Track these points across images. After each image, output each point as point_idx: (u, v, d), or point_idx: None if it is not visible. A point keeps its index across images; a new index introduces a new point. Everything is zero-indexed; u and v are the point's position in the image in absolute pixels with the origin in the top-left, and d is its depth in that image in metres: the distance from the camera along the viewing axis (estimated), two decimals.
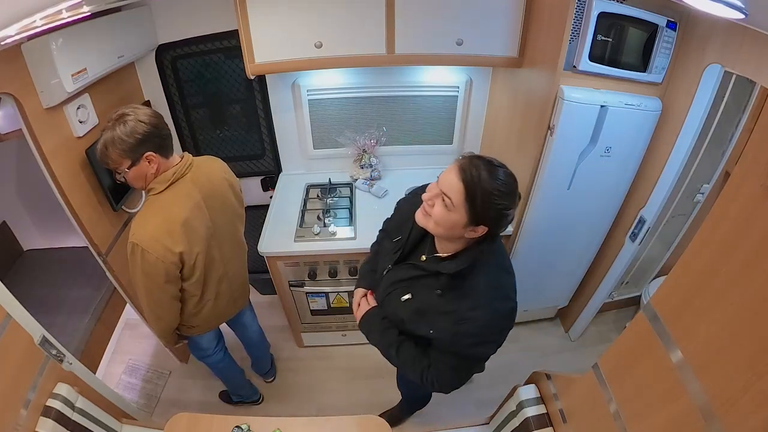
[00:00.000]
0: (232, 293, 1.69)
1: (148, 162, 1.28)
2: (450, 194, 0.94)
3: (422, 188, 1.11)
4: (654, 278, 2.49)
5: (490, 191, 0.92)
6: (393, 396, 2.31)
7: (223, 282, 1.59)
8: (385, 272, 1.23)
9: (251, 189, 2.57)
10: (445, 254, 1.08)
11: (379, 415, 1.42)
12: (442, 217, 0.97)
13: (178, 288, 1.41)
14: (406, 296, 1.13)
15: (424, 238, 1.18)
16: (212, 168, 1.50)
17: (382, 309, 1.26)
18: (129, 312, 2.36)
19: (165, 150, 1.31)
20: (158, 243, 1.27)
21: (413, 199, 1.22)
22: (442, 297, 1.06)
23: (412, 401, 2.04)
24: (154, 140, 1.27)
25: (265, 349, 2.29)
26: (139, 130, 1.23)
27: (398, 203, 1.37)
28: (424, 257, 1.13)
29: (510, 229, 2.07)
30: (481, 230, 0.97)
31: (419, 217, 1.04)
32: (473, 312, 1.01)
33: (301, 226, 2.07)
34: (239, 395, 2.20)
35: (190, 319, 1.58)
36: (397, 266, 1.20)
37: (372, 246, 1.50)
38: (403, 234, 1.20)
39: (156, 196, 1.31)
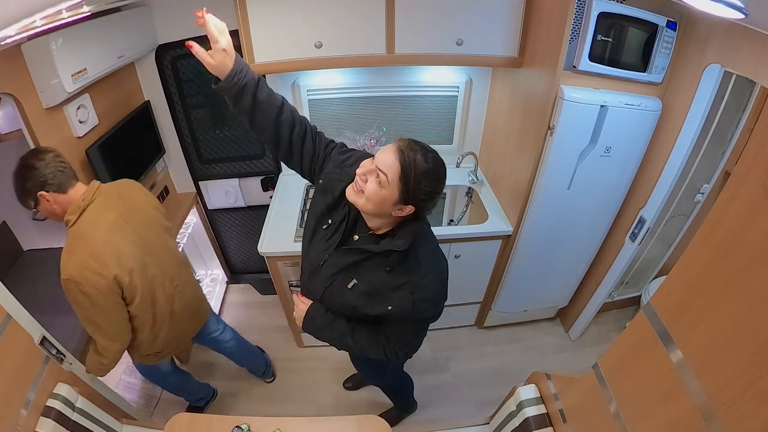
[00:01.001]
0: (189, 308, 1.67)
1: (46, 201, 1.30)
2: (386, 171, 0.98)
3: (353, 161, 1.16)
4: (654, 278, 2.49)
5: (424, 174, 0.98)
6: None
7: (175, 299, 1.57)
8: (322, 263, 1.19)
9: (251, 189, 2.57)
10: (380, 231, 1.12)
11: (379, 416, 1.42)
12: (375, 193, 1.01)
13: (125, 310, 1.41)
14: (352, 282, 1.14)
15: (356, 221, 1.17)
16: (120, 187, 1.49)
17: (327, 303, 1.23)
18: None
19: (56, 186, 1.30)
20: (87, 270, 1.28)
21: (343, 174, 1.17)
22: (392, 273, 1.10)
23: (389, 389, 2.03)
24: (37, 180, 1.27)
25: (253, 353, 2.25)
26: (23, 176, 1.28)
27: (322, 181, 1.24)
28: (356, 237, 1.15)
29: (510, 228, 2.08)
30: (408, 210, 1.03)
31: (350, 193, 1.06)
32: (426, 279, 1.09)
33: (301, 226, 2.07)
34: (201, 398, 2.13)
35: (151, 346, 1.56)
36: (335, 253, 1.17)
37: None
38: (336, 219, 1.18)
39: (73, 227, 1.32)
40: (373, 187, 1.01)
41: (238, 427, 1.38)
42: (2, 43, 1.13)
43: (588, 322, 2.46)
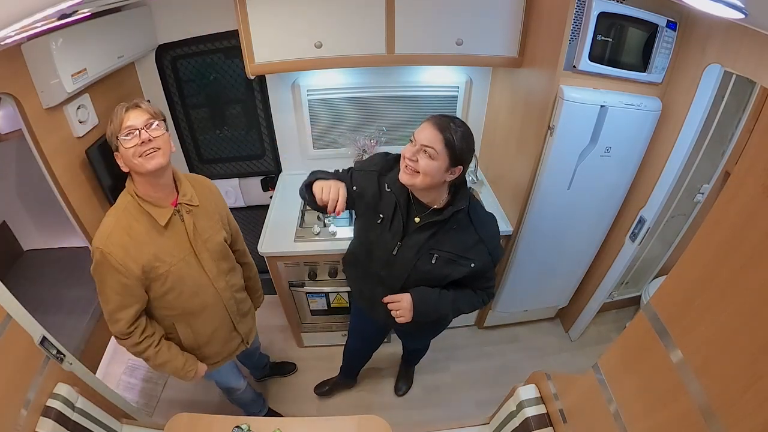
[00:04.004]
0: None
1: None
2: (432, 144, 1.13)
3: (372, 165, 1.35)
4: (654, 278, 2.49)
5: (461, 135, 1.15)
6: (393, 396, 2.32)
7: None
8: (395, 252, 1.31)
9: (251, 189, 2.57)
10: (436, 204, 1.25)
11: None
12: (429, 165, 1.14)
13: None
14: (434, 257, 1.28)
15: (409, 205, 1.29)
16: None
17: (413, 284, 1.34)
18: None
19: None
20: None
21: (368, 176, 1.34)
22: (462, 232, 1.26)
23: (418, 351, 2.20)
24: None
25: (263, 359, 2.26)
26: None
27: (355, 187, 1.34)
28: (417, 219, 1.28)
29: (510, 228, 2.07)
30: (458, 170, 1.19)
31: (404, 177, 1.19)
32: (489, 230, 1.32)
33: (301, 226, 2.07)
34: (251, 413, 2.11)
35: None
36: (404, 240, 1.30)
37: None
38: (386, 211, 1.30)
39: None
40: (425, 162, 1.14)
41: (238, 427, 1.38)
42: (2, 43, 1.14)
43: (588, 322, 2.46)
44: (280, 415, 2.15)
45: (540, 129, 1.74)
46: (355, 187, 1.33)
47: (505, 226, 2.09)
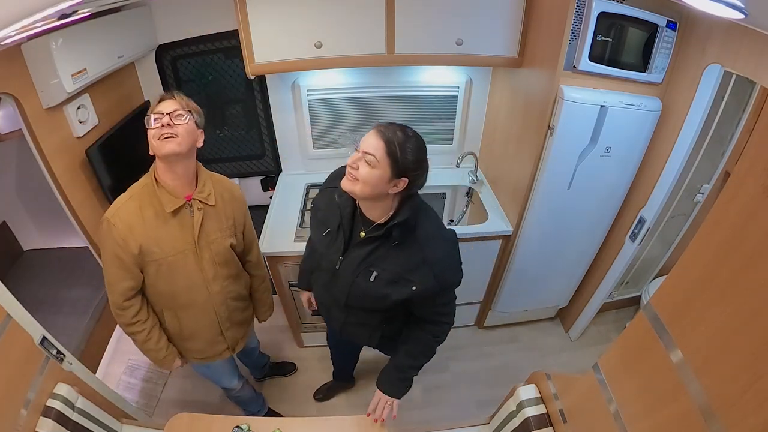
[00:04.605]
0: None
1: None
2: (373, 151, 1.06)
3: (329, 182, 1.32)
4: (654, 278, 2.49)
5: (406, 142, 1.08)
6: None
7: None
8: (337, 267, 1.26)
9: (251, 189, 2.57)
10: (382, 220, 1.18)
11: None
12: (368, 174, 1.07)
13: None
14: (373, 275, 1.20)
15: (352, 220, 1.24)
16: None
17: (356, 301, 1.29)
18: None
19: None
20: None
21: (324, 193, 1.34)
22: (404, 251, 1.17)
23: None
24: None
25: (262, 359, 2.26)
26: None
27: (313, 205, 1.40)
28: (362, 233, 1.20)
29: (510, 228, 2.07)
30: (402, 183, 1.10)
31: (345, 183, 1.12)
32: (438, 251, 1.18)
33: (301, 226, 2.07)
34: (251, 412, 2.12)
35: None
36: (347, 254, 1.24)
37: (306, 247, 1.60)
38: (332, 223, 1.26)
39: None
40: (365, 170, 1.07)
41: (238, 427, 1.38)
42: (2, 43, 1.14)
43: (588, 322, 2.46)
44: (280, 415, 2.15)
45: (540, 129, 1.74)
46: (314, 206, 1.37)
47: (505, 226, 2.10)
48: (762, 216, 0.66)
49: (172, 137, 1.18)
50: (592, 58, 1.57)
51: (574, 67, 1.59)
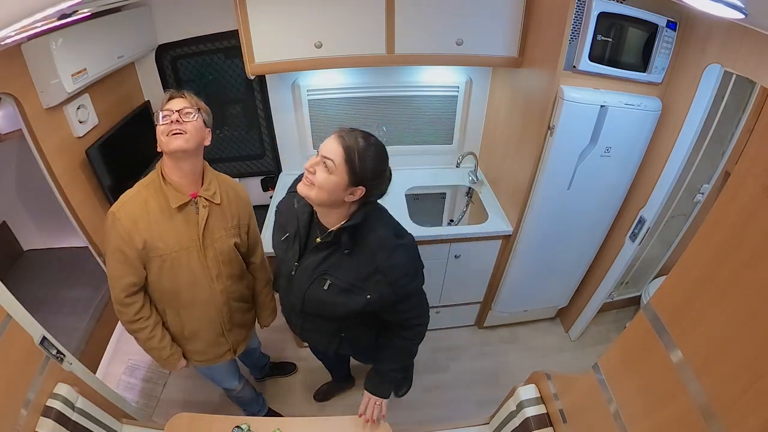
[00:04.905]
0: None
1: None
2: (331, 156, 1.04)
3: (292, 186, 1.26)
4: (654, 278, 2.49)
5: (366, 151, 1.05)
6: (393, 396, 2.31)
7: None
8: (293, 273, 1.24)
9: (251, 189, 2.57)
10: (337, 227, 1.14)
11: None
12: (325, 180, 1.05)
13: None
14: (326, 283, 1.18)
15: (310, 227, 1.22)
16: None
17: (312, 308, 1.26)
18: None
19: None
20: None
21: (287, 197, 1.31)
22: (355, 258, 1.14)
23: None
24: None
25: (263, 359, 2.26)
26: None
27: (276, 208, 1.38)
28: (318, 239, 1.18)
29: (510, 228, 2.07)
30: (360, 192, 1.08)
31: (301, 188, 1.09)
32: (392, 258, 1.14)
33: None
34: (251, 412, 2.12)
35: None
36: (302, 260, 1.22)
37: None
38: (290, 229, 1.24)
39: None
40: (322, 175, 1.05)
41: (238, 427, 1.38)
42: (2, 43, 1.14)
43: (588, 322, 2.46)
44: (280, 415, 2.15)
45: (540, 129, 1.74)
46: (277, 209, 1.36)
47: (505, 226, 2.10)
48: (762, 216, 0.66)
49: (181, 134, 1.20)
50: (592, 58, 1.57)
51: (574, 67, 1.59)
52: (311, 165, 1.07)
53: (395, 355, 1.36)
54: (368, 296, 1.15)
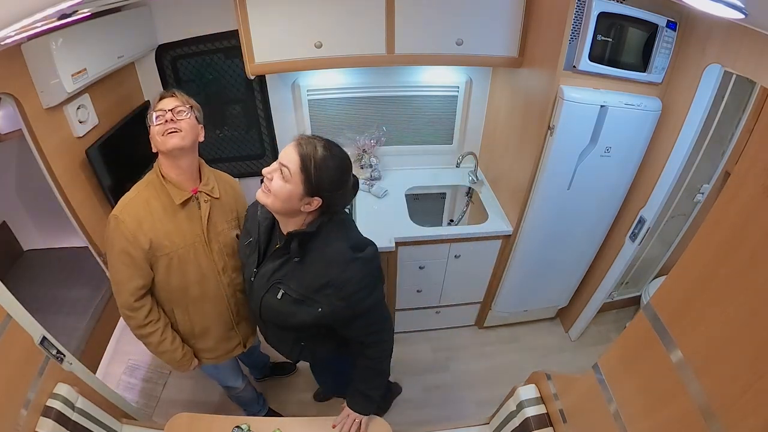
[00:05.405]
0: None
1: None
2: (287, 164, 1.00)
3: None
4: (654, 278, 2.49)
5: (323, 161, 1.01)
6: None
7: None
8: (252, 278, 1.22)
9: (251, 189, 2.55)
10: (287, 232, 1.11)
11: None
12: (280, 188, 1.01)
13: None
14: (280, 292, 1.14)
15: (271, 234, 1.20)
16: None
17: (268, 317, 1.23)
18: None
19: None
20: None
21: (254, 202, 1.26)
22: (305, 266, 1.10)
23: None
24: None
25: (263, 359, 2.27)
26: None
27: (246, 212, 1.37)
28: (278, 245, 1.16)
29: (510, 228, 2.07)
30: (316, 203, 1.04)
31: (259, 194, 1.07)
32: (345, 273, 1.07)
33: None
34: (252, 412, 2.13)
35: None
36: (260, 267, 1.20)
37: None
38: (253, 234, 1.22)
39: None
40: (278, 183, 1.02)
41: (238, 427, 1.38)
42: (2, 43, 1.14)
43: (588, 322, 2.46)
44: (280, 415, 2.15)
45: (540, 129, 1.74)
46: (246, 213, 1.35)
47: (505, 226, 2.10)
48: (762, 216, 0.66)
49: (176, 132, 1.21)
50: (592, 58, 1.57)
51: (574, 67, 1.59)
52: (269, 171, 1.04)
53: (365, 375, 1.31)
54: (320, 309, 1.10)
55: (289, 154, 1.02)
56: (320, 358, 1.43)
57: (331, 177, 1.03)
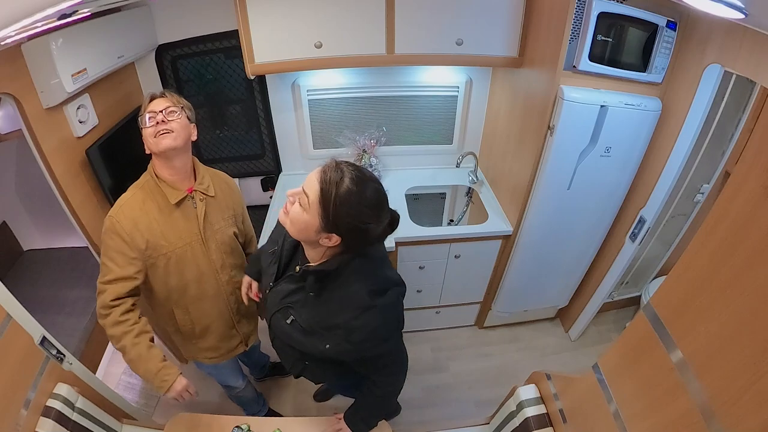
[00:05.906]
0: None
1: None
2: (308, 191, 0.90)
3: None
4: (654, 278, 2.49)
5: (347, 198, 0.87)
6: None
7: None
8: (267, 291, 1.17)
9: (251, 189, 2.57)
10: (315, 263, 1.03)
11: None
12: (297, 216, 0.92)
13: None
14: (290, 317, 1.08)
15: (295, 252, 1.13)
16: None
17: (275, 332, 1.20)
18: None
19: None
20: None
21: None
22: (319, 301, 1.03)
23: None
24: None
25: (263, 359, 2.27)
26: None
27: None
28: (297, 268, 1.06)
29: (510, 228, 2.07)
30: (335, 240, 0.93)
31: (280, 214, 0.99)
32: (358, 319, 0.98)
33: None
34: (252, 412, 2.12)
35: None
36: (277, 283, 1.14)
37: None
38: (278, 244, 1.16)
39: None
40: (296, 210, 0.92)
41: (238, 427, 1.38)
42: (2, 43, 1.14)
43: (588, 322, 2.46)
44: (280, 415, 2.15)
45: (540, 129, 1.74)
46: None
47: (505, 226, 2.10)
48: (762, 216, 0.66)
49: (168, 132, 1.22)
50: (592, 58, 1.57)
51: (574, 67, 1.59)
52: (292, 194, 0.94)
53: (369, 404, 1.27)
54: (327, 345, 1.03)
55: (311, 181, 0.90)
56: (322, 380, 1.39)
57: (354, 215, 0.89)
